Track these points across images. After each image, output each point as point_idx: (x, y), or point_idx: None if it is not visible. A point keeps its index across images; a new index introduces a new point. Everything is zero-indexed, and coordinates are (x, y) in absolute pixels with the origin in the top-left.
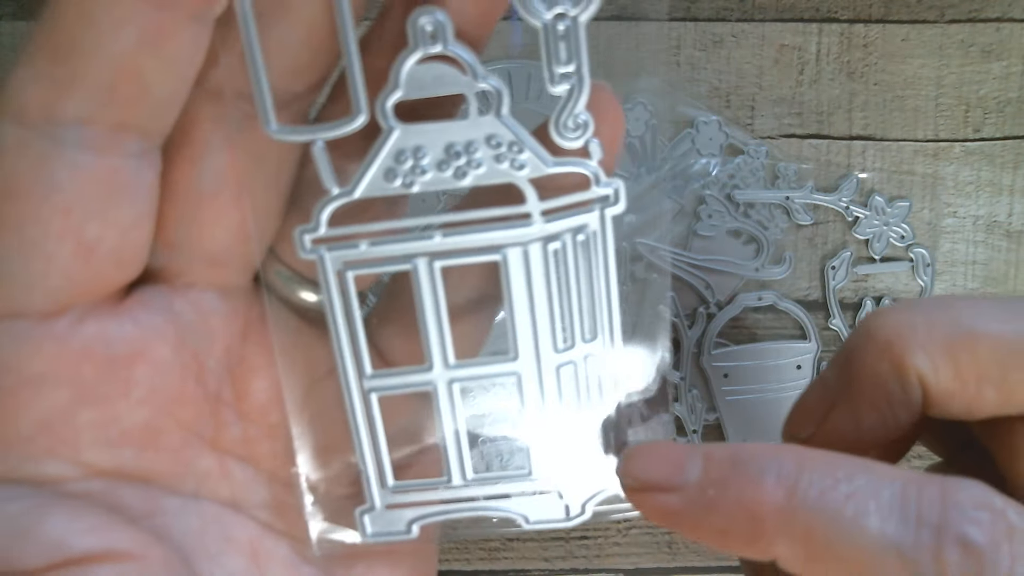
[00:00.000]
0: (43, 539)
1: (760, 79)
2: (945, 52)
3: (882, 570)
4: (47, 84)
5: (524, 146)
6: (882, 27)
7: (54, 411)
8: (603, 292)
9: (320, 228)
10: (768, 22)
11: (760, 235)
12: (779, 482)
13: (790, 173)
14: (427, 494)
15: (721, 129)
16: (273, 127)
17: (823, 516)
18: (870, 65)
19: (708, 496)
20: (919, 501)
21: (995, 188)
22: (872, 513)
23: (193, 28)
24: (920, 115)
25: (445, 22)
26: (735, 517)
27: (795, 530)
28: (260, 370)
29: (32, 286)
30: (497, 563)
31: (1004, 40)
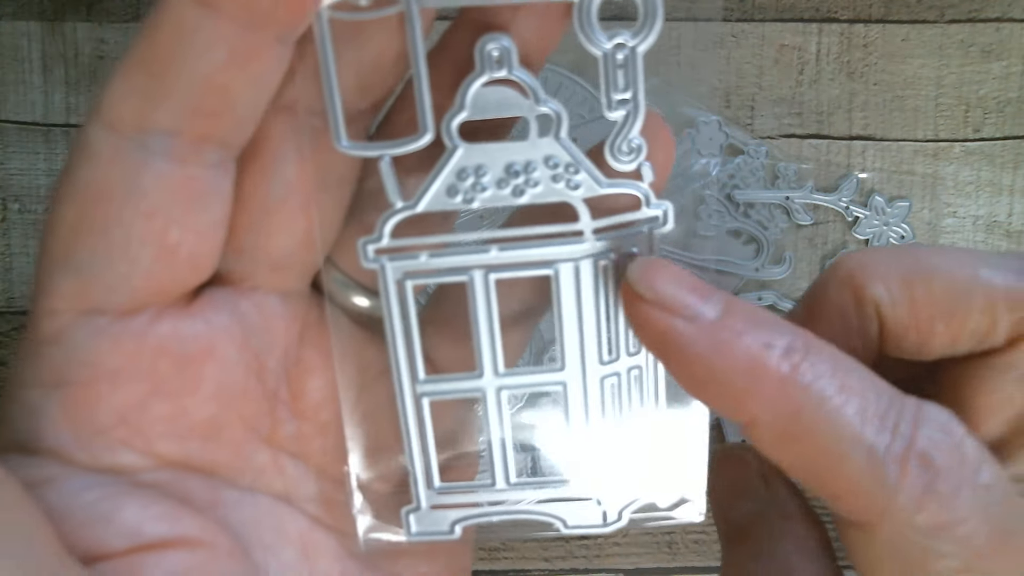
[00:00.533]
0: (121, 525)
1: (760, 79)
2: (945, 52)
3: (849, 463)
4: (141, 97)
5: (580, 167)
6: (882, 27)
7: (130, 404)
8: None
9: (383, 239)
10: (768, 22)
11: (760, 235)
12: (787, 354)
13: (790, 173)
14: (471, 496)
15: (721, 129)
16: (344, 142)
17: (815, 398)
18: (870, 65)
19: (719, 338)
20: (899, 413)
21: (995, 188)
22: (857, 412)
23: (277, 49)
24: (920, 115)
25: (511, 48)
26: (735, 369)
27: (785, 403)
28: (315, 371)
29: (115, 285)
30: (497, 563)
31: (1004, 40)
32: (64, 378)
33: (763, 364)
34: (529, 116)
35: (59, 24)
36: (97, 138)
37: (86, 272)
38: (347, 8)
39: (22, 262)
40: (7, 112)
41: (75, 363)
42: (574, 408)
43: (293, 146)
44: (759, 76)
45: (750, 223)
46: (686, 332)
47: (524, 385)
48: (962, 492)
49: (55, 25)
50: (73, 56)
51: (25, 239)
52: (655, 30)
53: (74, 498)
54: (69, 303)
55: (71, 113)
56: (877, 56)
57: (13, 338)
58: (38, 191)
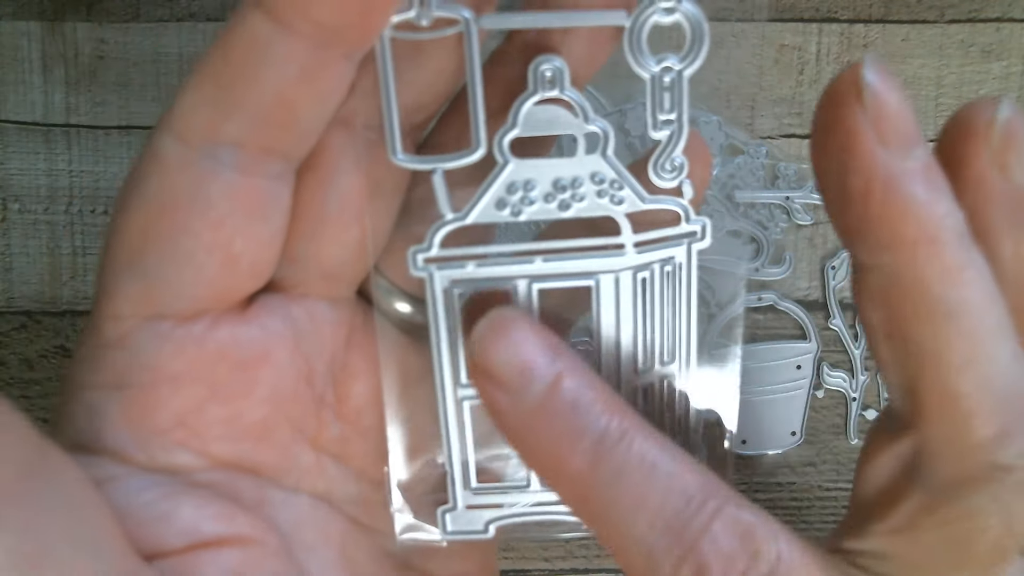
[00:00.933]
0: (179, 524)
1: (760, 79)
2: (945, 52)
3: (630, 562)
4: (212, 109)
5: (624, 183)
6: (882, 27)
7: (189, 407)
8: (684, 319)
9: (433, 248)
10: (768, 22)
11: (760, 235)
12: (595, 449)
13: (790, 173)
14: (505, 497)
15: (721, 129)
16: (400, 155)
17: (613, 493)
18: None
19: (533, 421)
20: (691, 515)
21: None
22: (648, 510)
23: (343, 66)
24: (920, 115)
25: (563, 69)
26: (545, 454)
27: (588, 494)
28: (359, 376)
29: (179, 292)
30: (497, 563)
31: (1004, 40)
32: (126, 381)
33: (568, 459)
34: (578, 134)
35: (59, 24)
36: (167, 148)
37: (152, 278)
38: (409, 28)
39: (22, 262)
40: (7, 112)
41: (137, 367)
42: None
43: (350, 159)
44: (759, 76)
45: (750, 223)
46: (505, 406)
47: None
48: None
49: (55, 25)
50: (73, 56)
51: (25, 239)
52: (702, 55)
53: (134, 497)
54: (134, 308)
55: (71, 113)
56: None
57: (13, 338)
58: (38, 191)
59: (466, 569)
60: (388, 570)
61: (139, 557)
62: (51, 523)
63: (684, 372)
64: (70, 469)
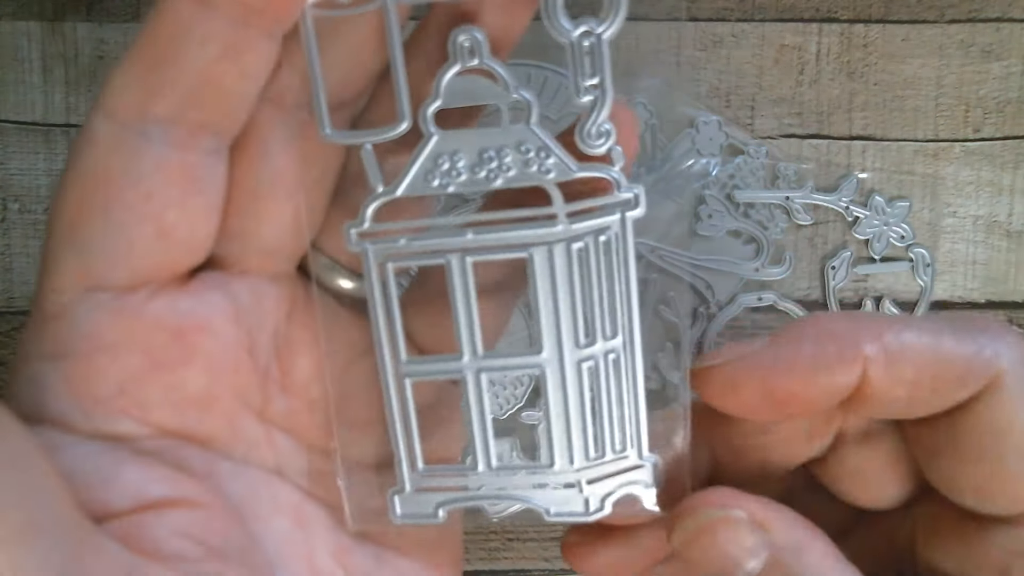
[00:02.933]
0: (125, 486)
1: (760, 79)
2: (945, 52)
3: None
4: (141, 88)
5: (551, 152)
6: (882, 27)
7: (129, 375)
8: (624, 291)
9: (365, 223)
10: (768, 22)
11: (760, 235)
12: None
13: (790, 173)
14: (454, 479)
15: (721, 129)
16: (328, 131)
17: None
18: (870, 65)
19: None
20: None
21: (995, 188)
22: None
23: (266, 44)
24: (920, 115)
25: (481, 39)
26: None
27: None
28: (303, 350)
29: (114, 263)
30: (497, 563)
31: (1004, 40)
32: (66, 350)
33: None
34: (502, 103)
35: (59, 24)
36: (99, 127)
37: (88, 251)
38: (329, 6)
39: (22, 262)
40: (7, 112)
41: (77, 336)
42: (553, 392)
43: (281, 136)
44: (759, 76)
45: (750, 223)
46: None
47: (503, 368)
48: None
49: (55, 25)
50: (73, 56)
51: (25, 239)
52: (620, 17)
53: (78, 463)
54: (72, 281)
55: (71, 113)
56: (877, 56)
57: (13, 338)
58: (38, 191)
59: (426, 537)
60: (345, 541)
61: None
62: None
63: (629, 347)
64: (14, 426)
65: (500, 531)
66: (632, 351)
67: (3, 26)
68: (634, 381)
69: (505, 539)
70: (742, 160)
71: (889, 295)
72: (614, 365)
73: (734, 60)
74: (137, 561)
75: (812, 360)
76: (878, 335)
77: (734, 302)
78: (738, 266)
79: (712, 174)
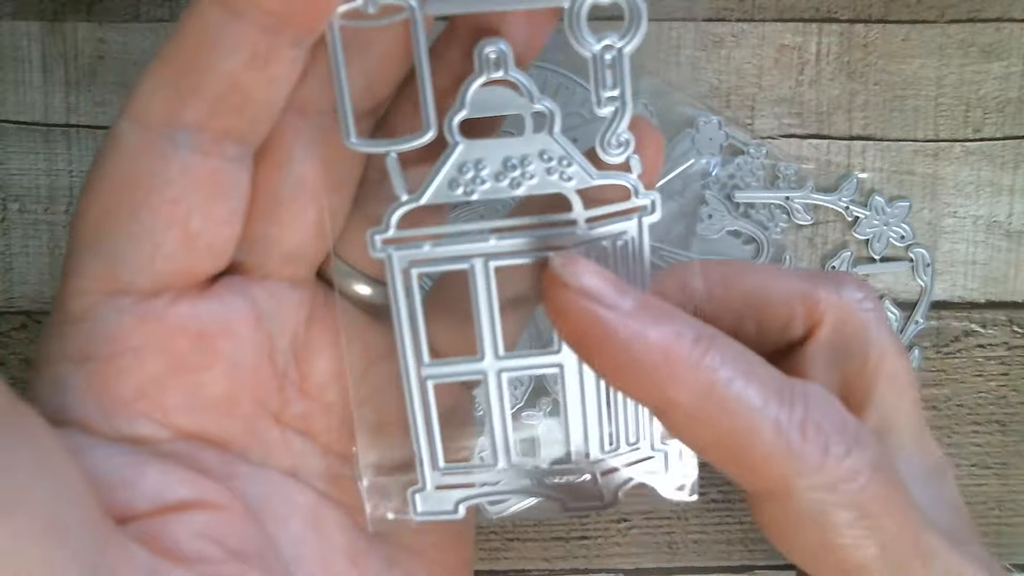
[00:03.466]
0: (145, 488)
1: (760, 79)
2: (945, 52)
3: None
4: (169, 94)
5: (573, 160)
6: (882, 27)
7: (150, 378)
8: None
9: (390, 230)
10: (768, 22)
11: (760, 235)
12: (696, 342)
13: (790, 173)
14: (473, 476)
15: (721, 129)
16: (353, 139)
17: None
18: (870, 65)
19: (636, 327)
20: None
21: (995, 188)
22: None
23: (293, 52)
24: (920, 115)
25: (507, 51)
26: (652, 355)
27: (698, 385)
28: (321, 354)
29: (140, 267)
30: (497, 563)
31: (1004, 40)
32: (89, 353)
33: (676, 350)
34: (525, 113)
35: (59, 24)
36: (127, 132)
37: (114, 255)
38: (356, 16)
39: (22, 262)
40: (7, 112)
41: (100, 339)
42: (571, 389)
43: (305, 144)
44: (759, 76)
45: (750, 223)
46: (606, 319)
47: (523, 367)
48: (852, 452)
49: (55, 25)
50: (73, 56)
51: (25, 239)
52: (640, 32)
53: (100, 465)
54: (96, 284)
55: (71, 113)
56: (877, 56)
57: (13, 338)
58: (38, 191)
59: (440, 540)
60: (360, 543)
61: (110, 518)
62: (25, 471)
63: None
64: (42, 426)
65: (500, 531)
66: None
67: (3, 26)
68: None
69: (505, 539)
70: (742, 160)
71: (889, 295)
72: None
73: (734, 60)
74: (159, 562)
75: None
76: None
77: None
78: None
79: (712, 174)
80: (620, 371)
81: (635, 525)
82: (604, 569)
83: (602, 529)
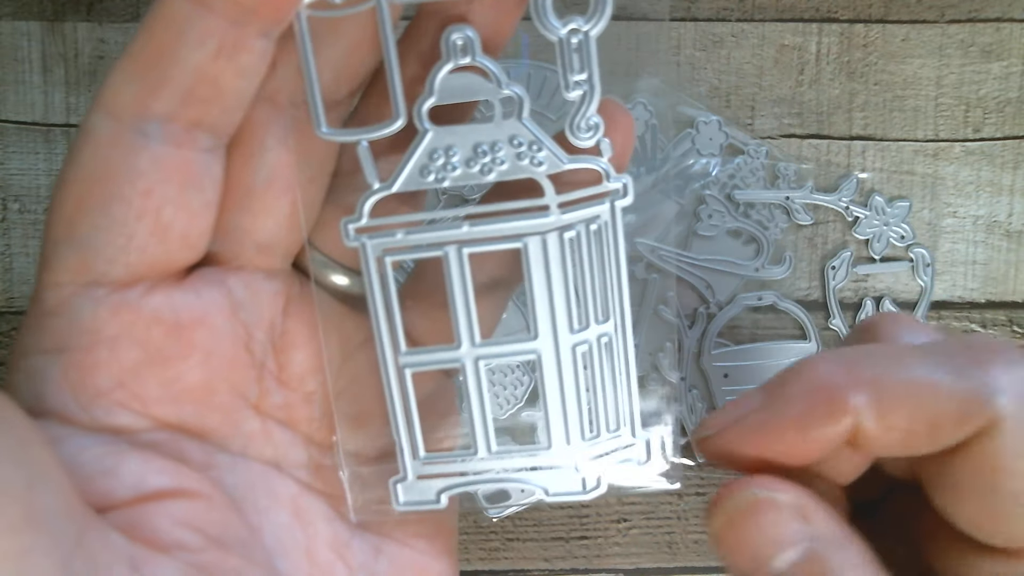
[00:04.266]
0: (125, 477)
1: (760, 79)
2: (945, 52)
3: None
4: (139, 86)
5: (543, 145)
6: (882, 27)
7: (127, 368)
8: (614, 277)
9: (363, 218)
10: (768, 22)
11: (760, 235)
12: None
13: (790, 173)
14: (454, 465)
15: (721, 129)
16: (324, 129)
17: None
18: (870, 65)
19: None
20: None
21: (995, 188)
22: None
23: (261, 43)
24: (920, 115)
25: (474, 37)
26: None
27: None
28: (299, 344)
29: (113, 259)
30: (497, 563)
31: (1004, 40)
32: (65, 344)
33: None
34: (493, 99)
35: (59, 24)
36: (98, 124)
37: (87, 246)
38: (323, 6)
39: (22, 262)
40: (7, 112)
41: (76, 331)
42: (549, 376)
43: (276, 134)
44: (759, 76)
45: (750, 223)
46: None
47: (500, 355)
48: None
49: (55, 25)
50: (73, 56)
51: (25, 239)
52: (606, 16)
53: (78, 454)
54: (71, 276)
55: (71, 113)
56: (877, 56)
57: (13, 338)
58: (38, 191)
59: (423, 530)
60: (343, 532)
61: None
62: (2, 461)
63: (621, 330)
64: (18, 415)
65: (500, 531)
66: (624, 334)
67: (3, 26)
68: (626, 362)
69: (505, 539)
70: (742, 160)
71: (889, 295)
72: (607, 348)
73: (734, 60)
74: (139, 551)
75: (801, 419)
76: (869, 382)
77: (734, 302)
78: (738, 266)
79: (712, 174)
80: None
81: (635, 525)
82: (604, 569)
83: (602, 529)
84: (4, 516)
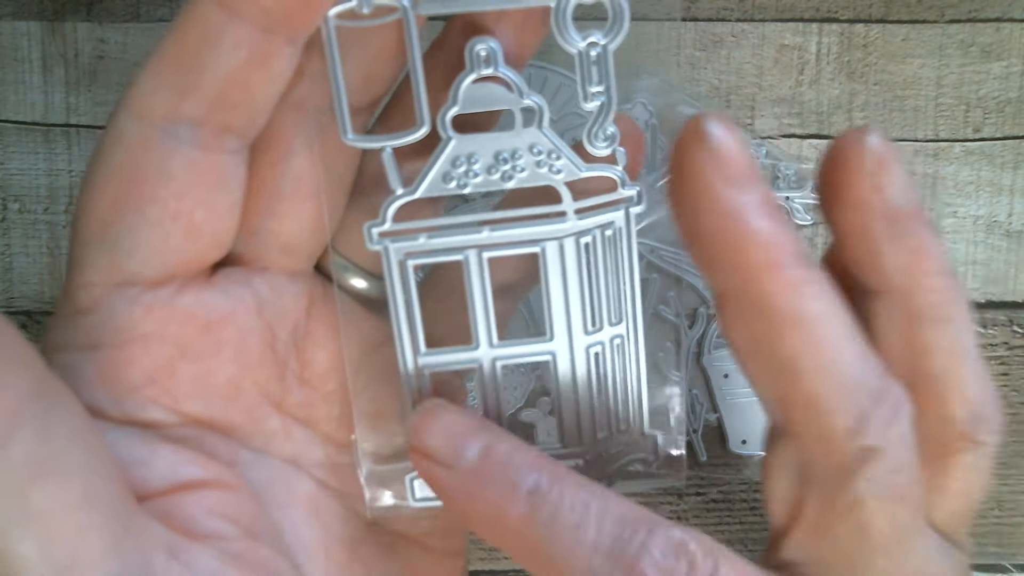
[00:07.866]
0: (158, 468)
1: (760, 79)
2: (945, 52)
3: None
4: (170, 90)
5: (561, 153)
6: (882, 27)
7: (159, 365)
8: (627, 280)
9: (387, 223)
10: (768, 22)
11: None
12: (530, 499)
13: (790, 173)
14: None
15: None
16: (350, 136)
17: (551, 533)
18: (870, 65)
19: (471, 486)
20: (628, 538)
21: (995, 188)
22: (586, 543)
23: (289, 50)
24: (920, 115)
25: (496, 48)
26: (485, 514)
27: (529, 540)
28: (321, 344)
29: (147, 259)
30: (497, 563)
31: (1004, 40)
32: (98, 342)
33: (504, 514)
34: (514, 108)
35: (59, 24)
36: (128, 127)
37: (121, 247)
38: (351, 16)
39: (22, 262)
40: (7, 112)
41: (109, 328)
42: (563, 376)
43: (302, 140)
44: (759, 76)
45: None
46: (446, 481)
47: (517, 355)
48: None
49: (55, 25)
50: (73, 56)
51: (25, 239)
52: (623, 29)
53: (112, 445)
54: (104, 276)
55: (71, 113)
56: (877, 56)
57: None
58: (38, 191)
59: (436, 527)
60: (357, 530)
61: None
62: (63, 439)
63: (632, 331)
64: (74, 401)
65: None
66: (635, 335)
67: (3, 26)
68: (637, 363)
69: None
70: None
71: None
72: (619, 349)
73: (734, 60)
74: (176, 539)
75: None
76: None
77: None
78: None
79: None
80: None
81: None
82: None
83: None
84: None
